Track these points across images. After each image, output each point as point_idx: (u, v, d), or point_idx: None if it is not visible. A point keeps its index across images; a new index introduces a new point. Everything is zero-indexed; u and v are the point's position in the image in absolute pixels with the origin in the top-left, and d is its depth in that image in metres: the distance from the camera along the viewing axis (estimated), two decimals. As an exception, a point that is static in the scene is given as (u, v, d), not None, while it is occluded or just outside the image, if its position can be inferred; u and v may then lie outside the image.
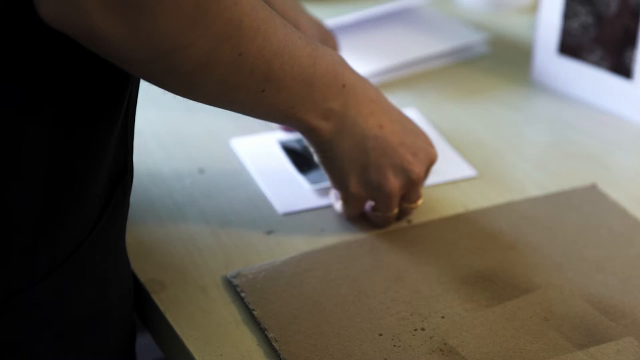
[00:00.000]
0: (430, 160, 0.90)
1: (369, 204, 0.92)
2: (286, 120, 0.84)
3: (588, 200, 0.96)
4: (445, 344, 0.79)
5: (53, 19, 0.65)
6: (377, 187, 0.88)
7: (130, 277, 0.84)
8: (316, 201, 0.96)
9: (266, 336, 0.79)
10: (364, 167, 0.87)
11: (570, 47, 1.14)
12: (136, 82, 0.78)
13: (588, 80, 1.14)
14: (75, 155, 0.71)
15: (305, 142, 0.87)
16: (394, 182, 0.88)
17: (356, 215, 0.93)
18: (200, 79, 0.73)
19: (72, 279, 0.74)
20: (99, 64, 0.70)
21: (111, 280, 0.79)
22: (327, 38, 1.05)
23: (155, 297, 0.83)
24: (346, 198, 0.90)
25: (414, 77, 1.20)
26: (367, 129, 0.85)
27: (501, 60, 1.25)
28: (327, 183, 0.96)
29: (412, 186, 0.89)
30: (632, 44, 1.08)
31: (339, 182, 0.89)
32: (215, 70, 0.73)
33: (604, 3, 1.10)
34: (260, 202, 0.95)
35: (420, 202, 0.92)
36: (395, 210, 0.91)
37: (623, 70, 1.10)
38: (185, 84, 0.74)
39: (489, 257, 0.89)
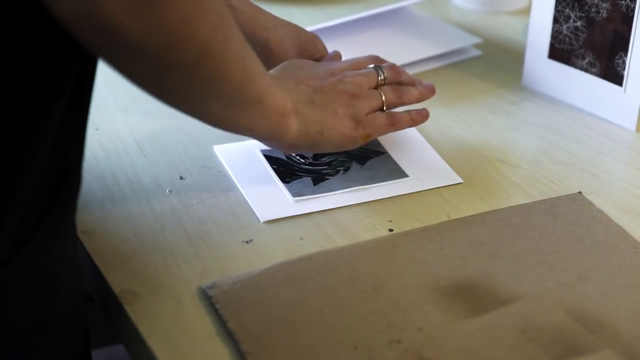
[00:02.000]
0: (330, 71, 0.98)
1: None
2: (258, 121, 0.87)
3: (573, 209, 0.95)
4: (421, 356, 0.78)
5: (70, 12, 0.67)
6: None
7: (80, 276, 0.83)
8: (298, 209, 0.94)
9: (239, 349, 0.78)
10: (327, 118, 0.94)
11: (560, 52, 1.13)
12: (87, 83, 0.77)
13: (578, 86, 1.12)
14: None
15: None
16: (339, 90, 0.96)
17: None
18: (197, 72, 0.77)
19: (14, 280, 0.74)
20: (31, 53, 0.70)
21: (58, 280, 0.78)
22: (309, 43, 1.04)
23: (128, 309, 0.82)
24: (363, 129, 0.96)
25: (402, 81, 1.19)
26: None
27: (493, 64, 1.24)
28: (309, 195, 0.96)
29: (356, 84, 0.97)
30: (622, 50, 1.07)
31: (345, 138, 0.95)
32: (210, 62, 0.77)
33: (594, 7, 1.08)
34: (240, 210, 0.94)
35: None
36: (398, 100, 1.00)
37: (613, 76, 1.09)
38: (183, 79, 0.77)
39: (469, 267, 0.87)
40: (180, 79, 0.78)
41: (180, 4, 0.71)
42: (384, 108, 0.99)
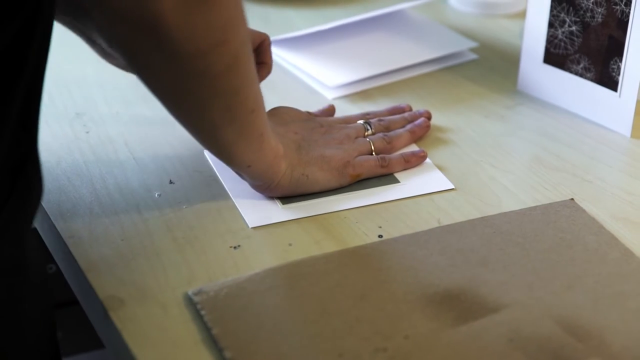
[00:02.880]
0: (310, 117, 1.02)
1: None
2: (257, 157, 0.89)
3: (564, 216, 0.94)
4: (406, 365, 0.77)
5: (119, 8, 0.70)
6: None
7: (42, 271, 0.83)
8: (287, 214, 0.94)
9: (223, 356, 0.78)
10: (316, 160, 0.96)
11: (555, 56, 1.12)
12: (35, 82, 0.76)
13: (573, 91, 1.12)
14: None
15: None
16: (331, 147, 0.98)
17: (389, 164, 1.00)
18: (223, 83, 0.80)
19: None
20: None
21: (18, 273, 0.77)
22: (264, 37, 1.02)
23: (113, 315, 0.82)
24: (355, 164, 0.97)
25: (396, 84, 1.18)
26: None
27: (489, 67, 1.23)
28: (298, 201, 0.95)
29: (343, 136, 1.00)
30: (617, 55, 1.06)
31: (336, 174, 0.96)
32: (236, 74, 0.80)
33: (589, 12, 1.07)
34: (229, 215, 0.94)
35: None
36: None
37: (608, 81, 1.08)
38: (208, 90, 0.80)
39: (458, 274, 0.87)
40: (204, 90, 0.80)
41: (225, 10, 0.75)
42: (373, 154, 1.00)
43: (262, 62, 1.02)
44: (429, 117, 1.08)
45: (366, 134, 1.02)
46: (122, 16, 0.71)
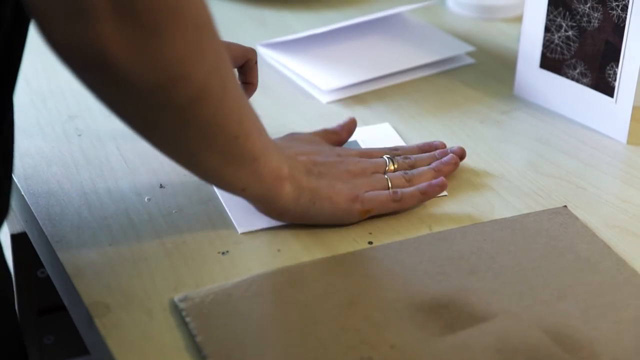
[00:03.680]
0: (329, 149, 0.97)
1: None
2: (251, 181, 0.86)
3: (557, 223, 0.93)
4: (392, 375, 0.76)
5: (65, 45, 0.68)
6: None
7: (6, 271, 0.82)
8: (277, 220, 0.93)
9: (207, 364, 0.77)
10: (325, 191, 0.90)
11: (552, 61, 1.11)
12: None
13: (569, 97, 1.11)
14: None
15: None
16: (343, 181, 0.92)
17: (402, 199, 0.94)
18: (191, 114, 0.76)
19: None
20: None
21: None
22: (250, 56, 1.00)
23: (98, 321, 0.81)
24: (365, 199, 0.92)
25: (391, 88, 1.18)
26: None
27: (486, 72, 1.22)
28: None
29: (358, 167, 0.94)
30: (614, 60, 1.05)
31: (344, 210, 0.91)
32: (205, 105, 0.77)
33: (585, 17, 1.06)
34: (218, 220, 0.93)
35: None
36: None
37: (604, 87, 1.07)
38: (176, 121, 0.77)
39: (447, 282, 0.86)
40: (173, 121, 0.77)
41: (178, 42, 0.71)
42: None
43: (248, 82, 0.99)
44: (461, 156, 1.00)
45: (387, 169, 0.96)
46: (68, 51, 0.68)
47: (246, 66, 0.99)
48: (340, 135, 1.02)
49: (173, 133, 0.79)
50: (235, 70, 0.99)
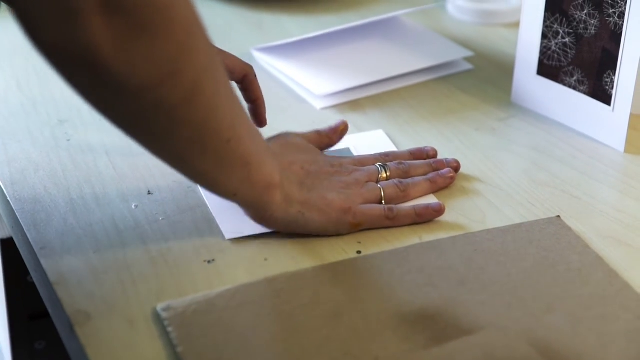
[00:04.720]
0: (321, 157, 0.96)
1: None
2: (243, 186, 0.85)
3: (549, 234, 0.92)
4: (375, 388, 0.75)
5: (53, 44, 0.67)
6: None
7: None
8: (264, 227, 0.92)
9: (187, 375, 0.76)
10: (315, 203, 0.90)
11: (549, 68, 1.09)
12: None
13: (566, 104, 1.09)
14: None
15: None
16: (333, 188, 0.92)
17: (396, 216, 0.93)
18: (181, 116, 0.75)
19: None
20: None
21: None
22: (249, 71, 0.98)
23: (78, 330, 0.80)
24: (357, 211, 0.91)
25: (388, 93, 1.16)
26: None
27: (483, 78, 1.21)
28: None
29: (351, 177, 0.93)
30: (611, 68, 1.03)
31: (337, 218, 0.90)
32: (195, 107, 0.76)
33: (582, 24, 1.05)
34: (205, 227, 0.92)
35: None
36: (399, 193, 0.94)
37: (602, 95, 1.05)
38: (166, 122, 0.76)
39: (435, 293, 0.84)
40: (163, 123, 0.76)
41: (167, 41, 0.70)
42: (383, 202, 0.93)
43: (253, 98, 0.97)
44: (456, 169, 0.99)
45: (380, 176, 0.95)
46: (55, 51, 0.68)
47: (246, 81, 0.97)
48: (331, 139, 1.01)
49: (163, 135, 0.78)
50: (235, 84, 0.97)
